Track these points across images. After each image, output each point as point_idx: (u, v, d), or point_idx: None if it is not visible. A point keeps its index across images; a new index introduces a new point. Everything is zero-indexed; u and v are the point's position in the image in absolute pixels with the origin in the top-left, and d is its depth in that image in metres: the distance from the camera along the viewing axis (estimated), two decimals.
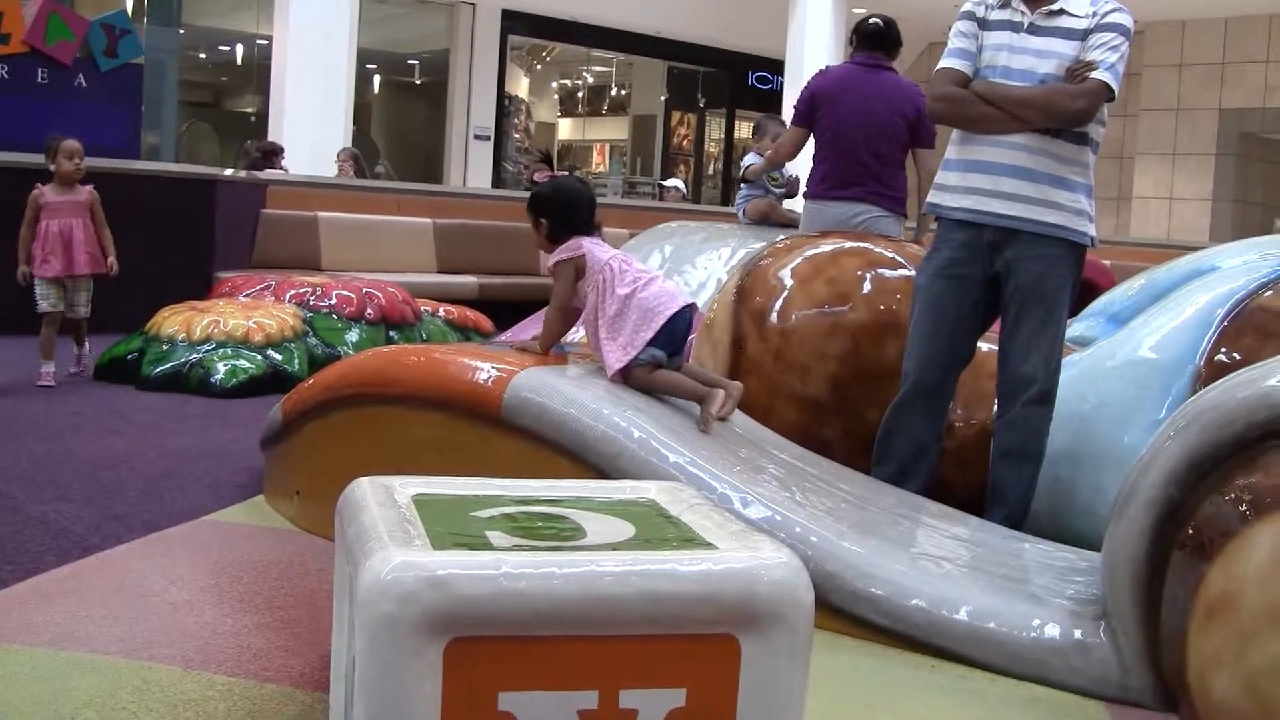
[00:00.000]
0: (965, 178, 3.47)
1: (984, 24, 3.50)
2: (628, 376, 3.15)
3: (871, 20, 5.04)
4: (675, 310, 3.17)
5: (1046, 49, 3.39)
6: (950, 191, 3.51)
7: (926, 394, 3.54)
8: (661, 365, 3.17)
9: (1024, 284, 3.41)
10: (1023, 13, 3.45)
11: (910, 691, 2.47)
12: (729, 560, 1.66)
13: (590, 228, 3.31)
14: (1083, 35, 3.38)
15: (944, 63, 3.51)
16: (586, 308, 3.26)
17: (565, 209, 3.29)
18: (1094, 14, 3.39)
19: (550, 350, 3.37)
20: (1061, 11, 3.42)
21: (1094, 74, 3.31)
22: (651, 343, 3.14)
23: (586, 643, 1.59)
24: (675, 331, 3.18)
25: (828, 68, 5.13)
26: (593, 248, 3.26)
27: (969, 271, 3.48)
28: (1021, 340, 3.42)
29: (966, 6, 3.56)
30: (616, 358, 3.15)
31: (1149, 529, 2.38)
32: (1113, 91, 3.33)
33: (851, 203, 5.00)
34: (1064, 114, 3.35)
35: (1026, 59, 3.40)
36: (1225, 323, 3.52)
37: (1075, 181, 3.39)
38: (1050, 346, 3.41)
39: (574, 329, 3.49)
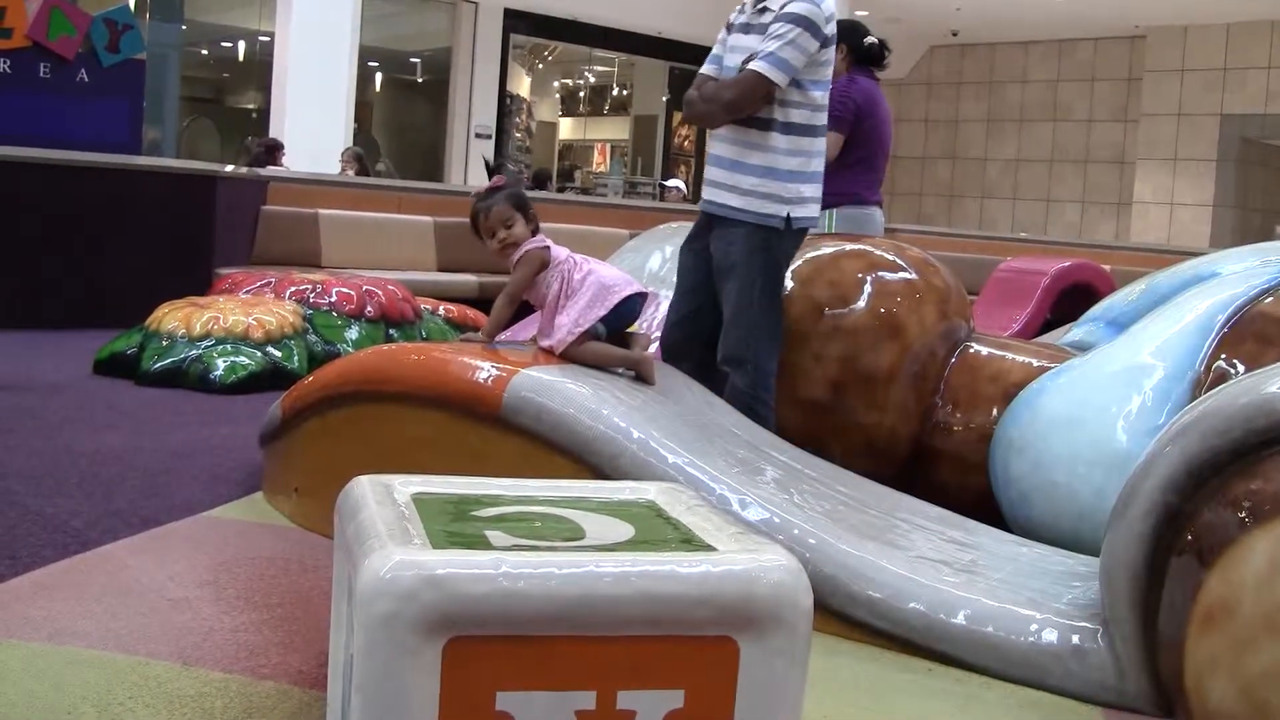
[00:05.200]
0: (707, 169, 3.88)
1: (730, 28, 3.83)
2: (565, 348, 3.26)
3: (870, 41, 5.33)
4: (630, 293, 3.32)
5: (746, 45, 3.66)
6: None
7: (672, 354, 3.84)
8: (598, 339, 3.31)
9: (715, 265, 3.77)
10: (747, 14, 3.74)
11: (907, 695, 2.47)
12: (728, 562, 1.66)
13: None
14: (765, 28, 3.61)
15: (701, 70, 3.89)
16: (549, 295, 3.35)
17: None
18: (780, 6, 3.61)
19: (495, 338, 3.47)
20: (765, 9, 3.67)
21: (750, 64, 3.56)
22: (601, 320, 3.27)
23: (585, 643, 1.58)
24: (621, 314, 3.31)
25: (853, 79, 5.20)
26: (552, 244, 3.42)
27: (701, 245, 3.86)
28: (726, 316, 3.73)
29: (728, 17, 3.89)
30: (567, 330, 3.26)
31: (1147, 535, 2.38)
32: (765, 78, 3.55)
33: (878, 208, 5.43)
34: (723, 104, 3.66)
35: (734, 57, 3.70)
36: (1225, 329, 3.51)
37: (758, 165, 3.66)
38: (743, 321, 3.67)
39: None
